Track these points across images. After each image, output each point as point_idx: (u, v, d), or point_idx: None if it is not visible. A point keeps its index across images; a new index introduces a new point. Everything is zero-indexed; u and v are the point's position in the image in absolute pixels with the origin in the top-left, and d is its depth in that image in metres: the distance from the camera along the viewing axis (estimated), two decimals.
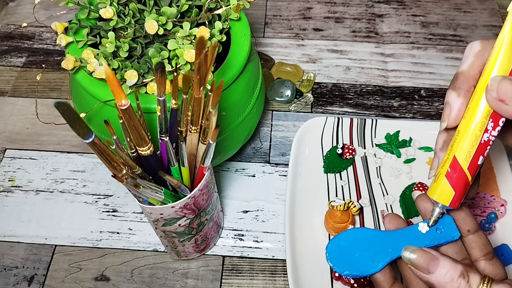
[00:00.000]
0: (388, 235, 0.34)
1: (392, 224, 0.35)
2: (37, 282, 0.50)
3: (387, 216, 0.36)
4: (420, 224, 0.34)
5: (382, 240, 0.34)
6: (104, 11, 0.41)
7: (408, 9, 0.76)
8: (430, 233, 0.33)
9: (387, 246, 0.33)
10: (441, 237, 0.33)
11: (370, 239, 0.34)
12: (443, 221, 0.34)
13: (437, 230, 0.34)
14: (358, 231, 0.35)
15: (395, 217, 0.36)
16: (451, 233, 0.33)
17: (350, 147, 0.56)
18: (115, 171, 0.33)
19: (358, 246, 0.34)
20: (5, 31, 0.73)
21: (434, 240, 0.33)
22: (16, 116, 0.63)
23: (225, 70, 0.44)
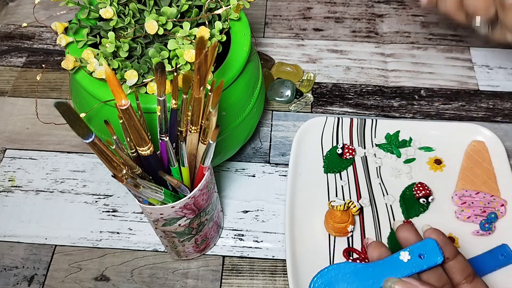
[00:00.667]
0: (369, 267, 0.34)
1: (376, 252, 0.35)
2: (37, 282, 0.50)
3: (370, 245, 0.36)
4: (402, 253, 0.34)
5: (363, 273, 0.34)
6: (104, 11, 0.41)
7: (408, 9, 0.76)
8: (412, 260, 0.33)
9: (368, 279, 0.34)
10: (424, 263, 0.33)
11: (351, 273, 0.34)
12: (426, 246, 0.34)
13: (420, 256, 0.33)
14: (339, 266, 0.35)
15: (378, 245, 0.36)
16: (434, 258, 0.33)
17: (350, 147, 0.56)
18: (115, 171, 0.33)
19: (340, 282, 0.34)
20: (5, 31, 0.73)
21: (417, 267, 0.33)
22: (16, 116, 0.63)
23: (225, 70, 0.44)
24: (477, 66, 0.68)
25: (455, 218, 0.52)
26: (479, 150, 0.56)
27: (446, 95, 0.65)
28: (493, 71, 0.68)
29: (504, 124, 0.62)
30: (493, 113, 0.63)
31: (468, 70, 0.68)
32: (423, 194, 0.52)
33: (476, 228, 0.51)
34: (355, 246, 0.51)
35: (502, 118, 0.63)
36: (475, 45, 0.71)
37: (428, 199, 0.52)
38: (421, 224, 0.52)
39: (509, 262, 0.48)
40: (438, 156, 0.57)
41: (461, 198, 0.53)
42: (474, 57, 0.69)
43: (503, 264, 0.48)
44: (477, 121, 0.62)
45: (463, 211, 0.52)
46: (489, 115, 0.63)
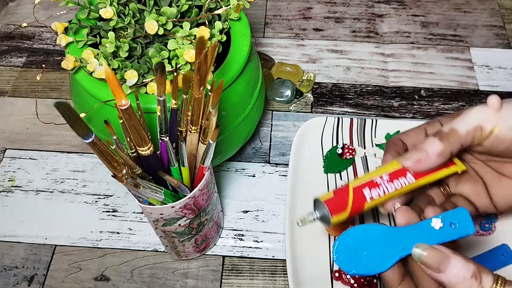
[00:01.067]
0: (398, 232, 0.32)
1: (404, 219, 0.33)
2: (37, 282, 0.50)
3: (398, 210, 0.34)
4: (433, 220, 0.32)
5: (391, 238, 0.32)
6: (104, 11, 0.41)
7: (408, 9, 0.76)
8: (444, 229, 0.32)
9: (397, 244, 0.32)
10: (455, 233, 0.32)
11: (379, 237, 0.32)
12: (458, 215, 0.32)
13: (451, 225, 0.32)
14: (366, 227, 0.33)
15: (407, 211, 0.34)
16: (465, 228, 0.32)
17: (350, 147, 0.56)
18: (115, 171, 0.33)
19: (366, 244, 0.32)
20: (5, 31, 0.73)
21: (447, 236, 0.32)
22: (16, 116, 0.63)
23: (225, 70, 0.44)
24: (477, 66, 0.68)
25: None
26: None
27: (446, 95, 0.65)
28: (493, 71, 0.68)
29: None
30: None
31: (468, 70, 0.68)
32: None
33: (476, 228, 0.51)
34: None
35: None
36: (475, 45, 0.71)
37: None
38: None
39: (509, 262, 0.48)
40: None
41: None
42: (474, 57, 0.69)
43: (503, 264, 0.48)
44: None
45: None
46: None
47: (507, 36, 0.72)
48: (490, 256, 0.49)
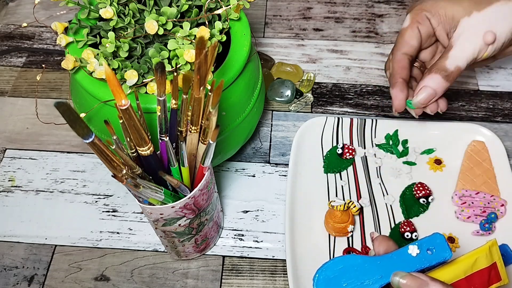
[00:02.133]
0: (377, 261, 0.33)
1: (382, 247, 0.34)
2: (37, 282, 0.50)
3: (376, 239, 0.35)
4: (410, 247, 0.33)
5: (370, 267, 0.33)
6: (104, 11, 0.41)
7: None
8: (421, 255, 0.33)
9: (376, 273, 0.33)
10: (433, 259, 0.32)
11: (358, 267, 0.33)
12: (435, 241, 0.33)
13: (428, 251, 0.33)
14: (345, 258, 0.34)
15: (384, 239, 0.35)
16: (442, 253, 0.33)
17: (350, 147, 0.56)
18: (115, 171, 0.33)
19: (346, 275, 0.33)
20: (5, 31, 0.73)
21: (425, 262, 0.32)
22: (16, 116, 0.63)
23: (225, 70, 0.44)
24: None
25: (455, 218, 0.52)
26: (479, 150, 0.56)
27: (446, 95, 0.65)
28: (493, 71, 0.68)
29: (504, 124, 0.62)
30: (493, 113, 0.63)
31: (468, 70, 0.68)
32: (423, 194, 0.52)
33: (476, 228, 0.51)
34: (355, 246, 0.51)
35: (502, 118, 0.63)
36: None
37: (428, 199, 0.52)
38: (421, 224, 0.52)
39: (509, 262, 0.48)
40: (438, 156, 0.57)
41: (461, 198, 0.53)
42: None
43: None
44: (477, 121, 0.62)
45: (463, 211, 0.52)
46: (489, 115, 0.63)
47: None
48: None
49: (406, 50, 0.47)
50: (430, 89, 0.45)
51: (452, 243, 0.50)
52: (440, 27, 0.47)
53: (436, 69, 0.45)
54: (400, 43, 0.48)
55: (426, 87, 0.45)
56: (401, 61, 0.47)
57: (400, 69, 0.47)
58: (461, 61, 0.44)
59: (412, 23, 0.47)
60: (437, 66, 0.45)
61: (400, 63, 0.47)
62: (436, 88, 0.45)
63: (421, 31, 0.47)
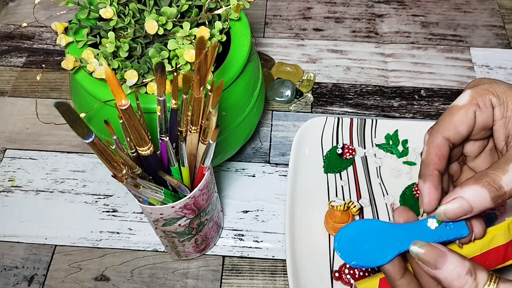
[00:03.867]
0: (398, 228, 0.34)
1: (402, 218, 0.35)
2: (37, 282, 0.50)
3: (397, 209, 0.35)
4: (429, 220, 0.34)
5: (391, 233, 0.33)
6: (104, 11, 0.41)
7: (408, 9, 0.76)
8: (439, 229, 0.33)
9: (396, 239, 0.33)
10: (450, 234, 0.33)
11: (379, 231, 0.34)
12: None
13: (446, 226, 0.33)
14: (368, 222, 0.34)
15: (405, 210, 0.35)
16: (460, 230, 0.33)
17: (350, 147, 0.56)
18: (115, 171, 0.33)
19: (367, 237, 0.33)
20: (5, 31, 0.73)
21: (443, 236, 0.33)
22: (16, 116, 0.63)
23: (225, 70, 0.44)
24: (477, 66, 0.68)
25: None
26: None
27: (446, 95, 0.65)
28: (493, 71, 0.68)
29: None
30: None
31: (468, 70, 0.68)
32: None
33: None
34: None
35: None
36: (475, 45, 0.71)
37: None
38: None
39: None
40: None
41: None
42: (474, 57, 0.69)
43: None
44: None
45: None
46: None
47: (507, 36, 0.72)
48: None
49: (451, 135, 0.35)
50: (466, 203, 0.31)
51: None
52: (502, 122, 0.35)
53: (486, 181, 0.31)
54: (445, 123, 0.35)
55: (462, 199, 0.31)
56: (441, 148, 0.35)
57: (438, 158, 0.35)
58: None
59: (470, 104, 0.35)
60: (488, 177, 0.31)
61: (440, 151, 0.35)
62: (474, 206, 0.31)
63: (477, 118, 0.35)
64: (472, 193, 0.31)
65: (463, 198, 0.31)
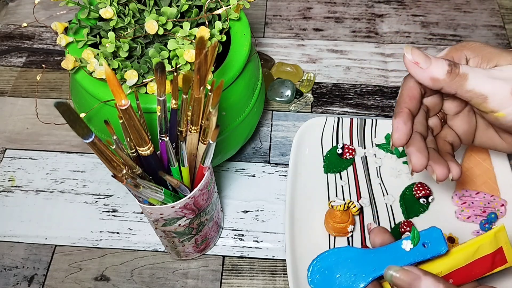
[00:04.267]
0: (371, 253, 0.33)
1: (378, 239, 0.34)
2: (37, 282, 0.50)
3: (372, 231, 0.35)
4: (404, 242, 0.33)
5: (364, 259, 0.33)
6: (104, 11, 0.41)
7: (408, 9, 0.76)
8: (416, 249, 0.33)
9: (370, 265, 0.33)
10: (427, 252, 0.33)
11: (352, 259, 0.33)
12: (431, 235, 0.33)
13: (424, 245, 0.33)
14: (340, 250, 0.34)
15: (381, 231, 0.35)
16: (438, 247, 0.33)
17: (350, 147, 0.56)
18: (115, 171, 0.33)
19: (340, 267, 0.33)
20: (5, 31, 0.73)
21: (419, 256, 0.33)
22: (16, 116, 0.63)
23: (225, 70, 0.44)
24: None
25: (455, 218, 0.52)
26: (479, 150, 0.56)
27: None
28: None
29: None
30: None
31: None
32: (423, 194, 0.52)
33: (476, 228, 0.51)
34: (355, 246, 0.51)
35: None
36: None
37: (428, 199, 0.52)
38: (421, 224, 0.52)
39: None
40: None
41: (461, 198, 0.53)
42: None
43: None
44: None
45: (463, 211, 0.52)
46: None
47: (507, 36, 0.72)
48: None
49: None
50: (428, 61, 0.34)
51: (452, 243, 0.50)
52: None
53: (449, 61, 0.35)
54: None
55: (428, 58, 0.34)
56: (413, 90, 0.37)
57: (409, 98, 0.37)
58: (474, 79, 0.34)
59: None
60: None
61: (411, 92, 0.37)
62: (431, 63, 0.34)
63: None
64: (440, 59, 0.34)
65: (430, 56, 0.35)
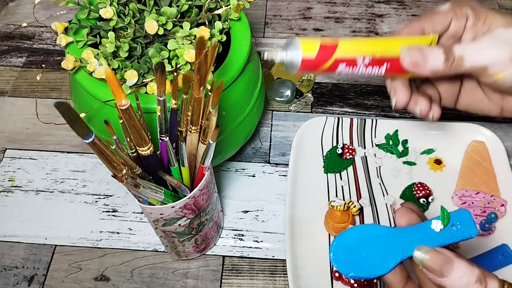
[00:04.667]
0: (399, 233, 0.31)
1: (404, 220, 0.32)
2: (37, 282, 0.50)
3: (398, 211, 0.33)
4: (434, 222, 0.31)
5: (392, 238, 0.31)
6: (104, 11, 0.41)
7: (408, 9, 0.76)
8: (446, 230, 0.30)
9: (397, 245, 0.30)
10: (457, 235, 0.30)
11: (378, 237, 0.31)
12: (460, 216, 0.31)
13: (453, 226, 0.30)
14: (365, 227, 0.32)
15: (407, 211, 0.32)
16: (468, 230, 0.30)
17: (350, 147, 0.56)
18: (115, 171, 0.33)
19: (366, 245, 0.31)
20: (5, 31, 0.73)
21: (450, 238, 0.30)
22: (16, 116, 0.63)
23: (225, 70, 0.44)
24: None
25: None
26: (479, 150, 0.56)
27: None
28: None
29: (504, 124, 0.62)
30: None
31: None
32: (423, 194, 0.52)
33: None
34: None
35: (502, 118, 0.63)
36: None
37: (428, 199, 0.52)
38: None
39: (509, 262, 0.48)
40: (438, 156, 0.57)
41: (461, 198, 0.53)
42: None
43: (503, 264, 0.48)
44: (477, 121, 0.62)
45: None
46: None
47: None
48: (490, 256, 0.49)
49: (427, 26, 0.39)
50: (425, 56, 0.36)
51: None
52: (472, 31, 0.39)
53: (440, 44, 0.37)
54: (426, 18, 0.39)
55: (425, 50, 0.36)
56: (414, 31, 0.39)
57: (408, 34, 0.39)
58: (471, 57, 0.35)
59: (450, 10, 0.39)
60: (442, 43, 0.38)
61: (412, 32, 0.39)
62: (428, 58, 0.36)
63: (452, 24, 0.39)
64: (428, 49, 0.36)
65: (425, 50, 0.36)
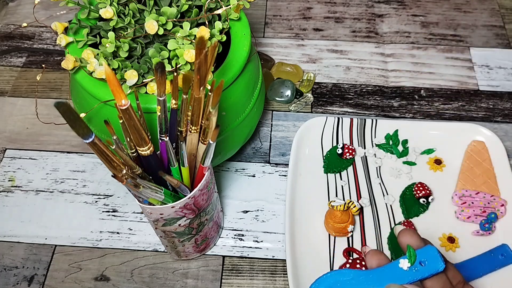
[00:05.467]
0: (370, 274, 0.33)
1: (375, 260, 0.34)
2: (37, 282, 0.50)
3: (368, 253, 0.35)
4: (401, 261, 0.33)
5: (363, 280, 0.33)
6: (104, 11, 0.41)
7: (408, 9, 0.76)
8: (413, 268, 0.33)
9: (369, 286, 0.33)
10: (425, 271, 0.32)
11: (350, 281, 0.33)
12: (427, 253, 0.33)
13: (420, 263, 0.33)
14: (338, 273, 0.34)
15: (376, 253, 0.35)
16: (435, 265, 0.32)
17: (350, 147, 0.56)
18: (115, 171, 0.33)
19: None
20: (5, 31, 0.73)
21: (418, 274, 0.32)
22: (16, 116, 0.63)
23: (225, 70, 0.44)
24: (477, 66, 0.68)
25: (455, 218, 0.52)
26: (479, 150, 0.56)
27: (446, 95, 0.65)
28: (493, 71, 0.68)
29: (504, 124, 0.62)
30: (493, 113, 0.63)
31: (468, 70, 0.68)
32: (423, 194, 0.52)
33: (476, 228, 0.51)
34: (355, 246, 0.51)
35: (502, 118, 0.63)
36: (475, 45, 0.71)
37: (428, 199, 0.52)
38: (421, 224, 0.52)
39: (509, 262, 0.48)
40: (438, 156, 0.57)
41: (461, 198, 0.53)
42: (474, 57, 0.69)
43: (503, 264, 0.48)
44: (477, 121, 0.62)
45: (463, 211, 0.52)
46: (489, 115, 0.63)
47: (507, 36, 0.72)
48: (490, 256, 0.49)
49: None
50: None
51: (452, 243, 0.50)
52: None
53: None
54: None
55: None
56: None
57: None
58: None
59: None
60: None
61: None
62: None
63: None
64: None
65: None
